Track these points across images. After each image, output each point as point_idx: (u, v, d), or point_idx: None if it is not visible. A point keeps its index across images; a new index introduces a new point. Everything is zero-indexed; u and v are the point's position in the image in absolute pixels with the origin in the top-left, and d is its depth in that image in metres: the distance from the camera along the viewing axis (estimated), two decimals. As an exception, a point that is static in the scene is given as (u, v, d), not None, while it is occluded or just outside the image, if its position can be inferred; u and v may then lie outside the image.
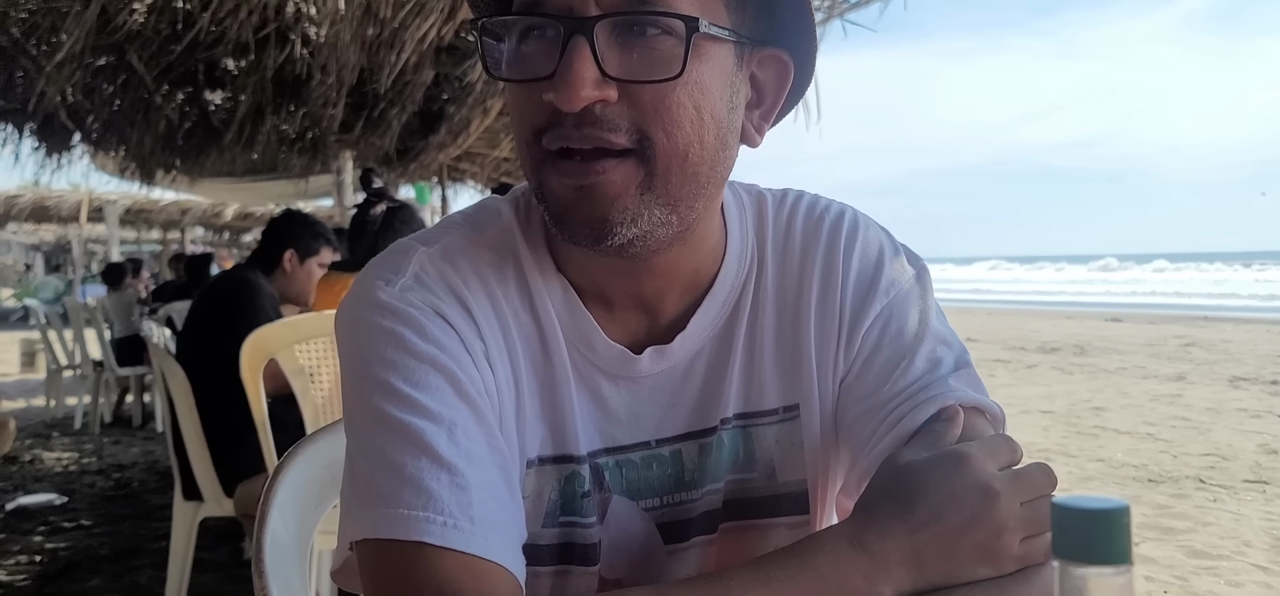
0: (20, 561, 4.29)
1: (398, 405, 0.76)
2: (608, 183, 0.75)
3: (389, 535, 0.72)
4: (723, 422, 0.89)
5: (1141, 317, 19.35)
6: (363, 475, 0.77)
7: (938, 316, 0.91)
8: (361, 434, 0.79)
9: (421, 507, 0.72)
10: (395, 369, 0.78)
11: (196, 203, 18.85)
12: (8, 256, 33.68)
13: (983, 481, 0.74)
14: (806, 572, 0.71)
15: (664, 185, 0.77)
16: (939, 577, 0.72)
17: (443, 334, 0.80)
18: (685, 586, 0.70)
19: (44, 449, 7.09)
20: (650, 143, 0.76)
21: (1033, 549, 0.74)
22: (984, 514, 0.73)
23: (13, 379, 11.10)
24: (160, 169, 8.20)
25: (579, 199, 0.76)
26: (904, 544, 0.72)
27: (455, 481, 0.73)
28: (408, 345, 0.79)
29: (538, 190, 0.80)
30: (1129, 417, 7.68)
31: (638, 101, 0.75)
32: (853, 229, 0.93)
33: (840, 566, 0.71)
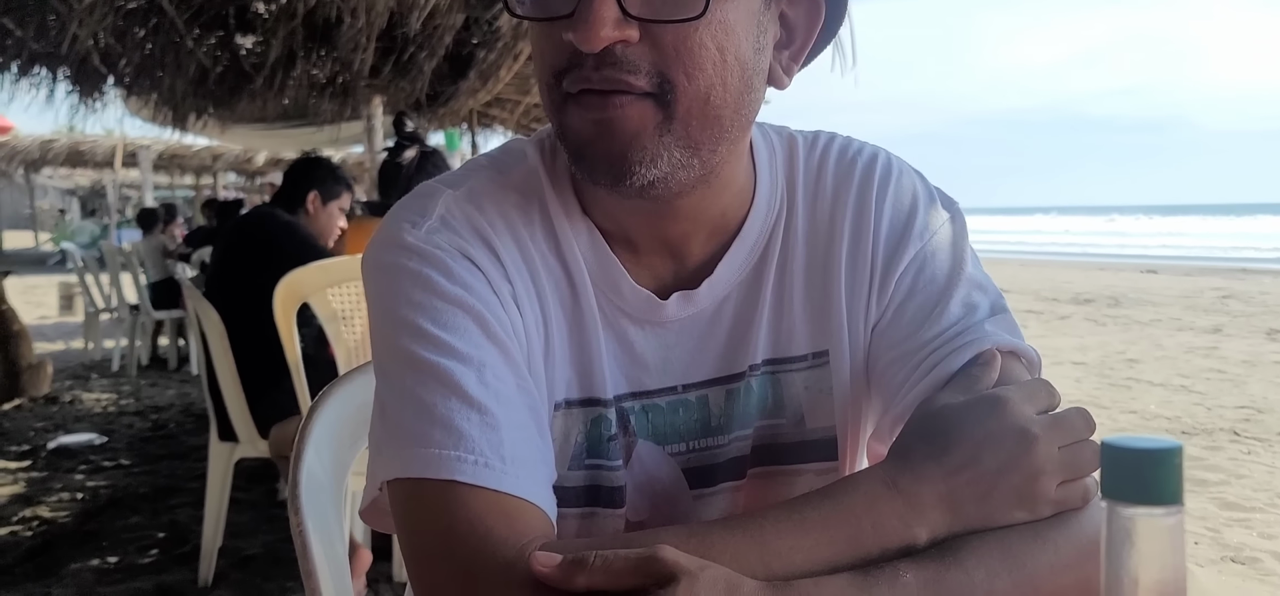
0: (63, 498, 4.39)
1: (427, 346, 0.76)
2: (625, 118, 0.74)
3: (421, 474, 0.72)
4: (751, 368, 0.88)
5: (1178, 269, 19.09)
6: (393, 415, 0.77)
7: (973, 261, 0.90)
8: (391, 375, 0.79)
9: (452, 446, 0.72)
10: (423, 310, 0.78)
11: (228, 149, 18.95)
12: (44, 201, 34.12)
13: (1020, 425, 0.73)
14: (841, 513, 0.70)
15: (684, 128, 0.76)
16: (975, 521, 0.71)
17: (470, 276, 0.80)
18: (718, 526, 0.70)
19: (83, 390, 7.23)
20: (671, 85, 0.74)
21: (1070, 493, 0.73)
22: (1021, 457, 0.72)
23: (52, 321, 11.29)
24: (192, 114, 8.20)
25: (597, 134, 0.75)
26: (940, 486, 0.71)
27: (485, 421, 0.73)
28: (435, 287, 0.79)
29: (559, 131, 0.79)
30: (1163, 369, 7.61)
31: (659, 42, 0.73)
32: (886, 172, 0.91)
33: (875, 507, 0.71)
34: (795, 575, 0.67)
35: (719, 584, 0.61)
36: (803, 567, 0.67)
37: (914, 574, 0.67)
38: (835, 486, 0.73)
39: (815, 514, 0.70)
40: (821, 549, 0.68)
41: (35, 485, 4.64)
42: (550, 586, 0.63)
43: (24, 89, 7.29)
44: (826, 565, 0.68)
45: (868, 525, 0.70)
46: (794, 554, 0.68)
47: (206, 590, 3.25)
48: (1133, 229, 42.78)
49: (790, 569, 0.67)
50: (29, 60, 6.71)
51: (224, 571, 3.36)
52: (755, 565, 0.66)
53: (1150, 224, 47.60)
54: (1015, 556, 0.70)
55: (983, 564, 0.69)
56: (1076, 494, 0.73)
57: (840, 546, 0.69)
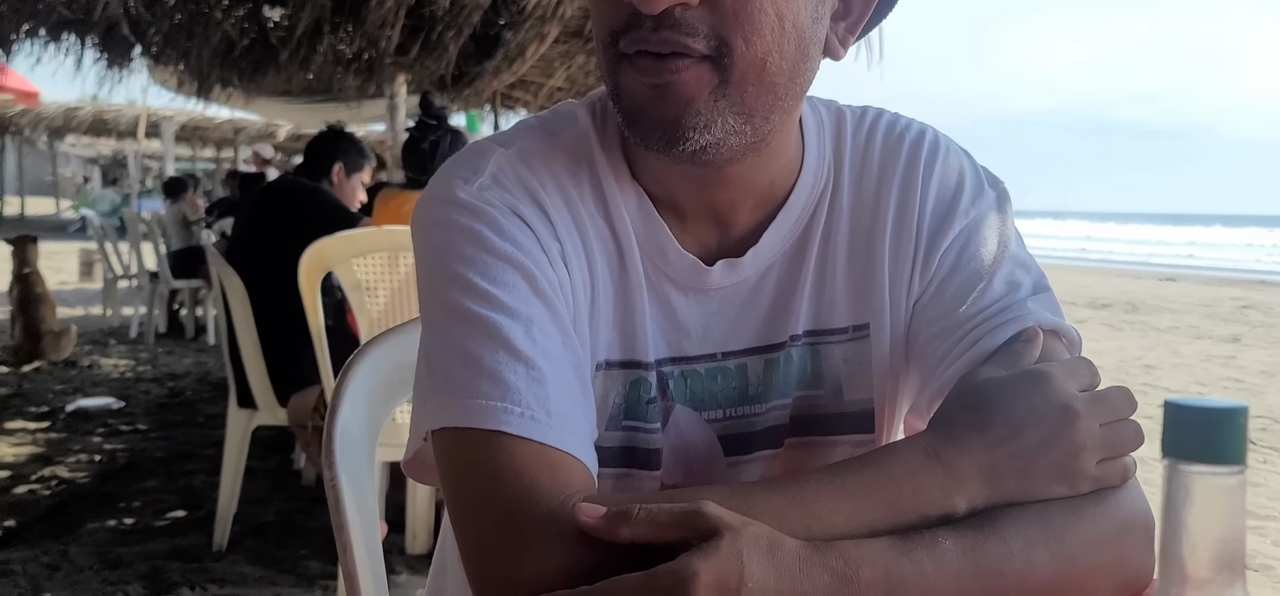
0: (81, 459, 4.43)
1: (476, 299, 0.77)
2: (681, 83, 0.74)
3: (467, 423, 0.73)
4: (792, 339, 0.89)
5: (1197, 278, 18.97)
6: (440, 366, 0.77)
7: (1017, 241, 0.90)
8: (438, 327, 0.79)
9: (499, 398, 0.72)
10: (473, 264, 0.78)
11: (250, 121, 19.03)
12: (67, 168, 34.35)
13: (1063, 400, 0.73)
14: (882, 480, 0.70)
15: (739, 94, 0.76)
16: (1014, 493, 0.71)
17: (520, 233, 0.80)
18: (760, 486, 0.70)
19: (102, 355, 7.29)
20: (728, 49, 0.74)
21: (1109, 471, 0.73)
22: (1063, 432, 0.72)
23: (72, 287, 11.38)
24: (217, 85, 8.25)
25: (653, 99, 0.75)
26: (980, 457, 0.72)
27: (532, 374, 0.74)
28: (486, 242, 0.79)
29: (613, 92, 0.79)
30: (1180, 377, 7.57)
31: (718, 5, 0.73)
32: (933, 149, 0.91)
33: (915, 476, 0.71)
34: (835, 537, 0.67)
35: (762, 540, 0.62)
36: (842, 530, 0.68)
37: (953, 541, 0.67)
38: (876, 453, 0.74)
39: (856, 479, 0.70)
40: (861, 514, 0.69)
41: (54, 446, 4.68)
42: (594, 536, 0.64)
43: (52, 55, 7.35)
44: (865, 529, 0.68)
45: (908, 492, 0.70)
46: (834, 516, 0.68)
47: (221, 554, 3.27)
48: (1152, 236, 42.48)
49: (830, 531, 0.67)
50: (58, 26, 6.75)
51: (238, 537, 3.38)
52: (795, 526, 0.66)
53: (1170, 232, 47.28)
54: (1053, 529, 0.70)
55: (1021, 534, 0.69)
56: (1116, 471, 0.74)
57: (880, 512, 0.69)
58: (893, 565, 0.65)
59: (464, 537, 0.72)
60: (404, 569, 3.11)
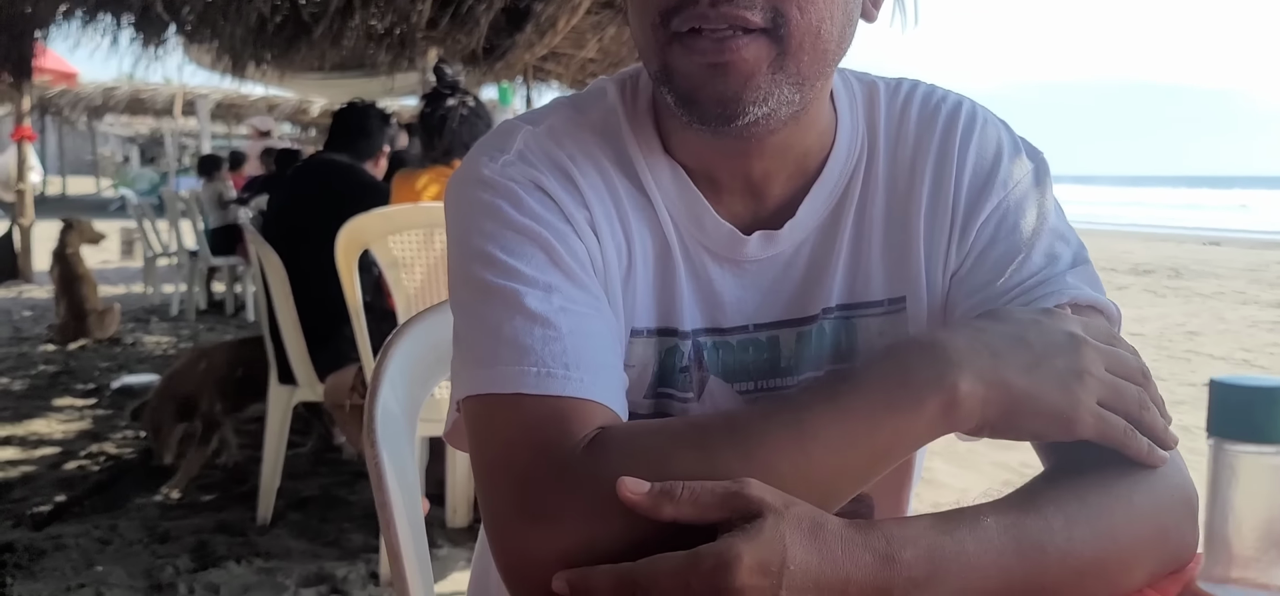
0: (126, 436, 4.52)
1: (494, 271, 0.78)
2: (741, 61, 0.74)
3: (487, 390, 0.74)
4: (824, 312, 0.88)
5: (1243, 242, 18.61)
6: (465, 340, 0.79)
7: (1056, 213, 0.89)
8: (463, 302, 0.81)
9: (516, 362, 0.74)
10: (492, 239, 0.80)
11: (284, 99, 19.17)
12: (105, 148, 34.81)
13: (1073, 330, 0.74)
14: (880, 387, 0.70)
15: (795, 64, 0.76)
16: (1016, 394, 0.70)
17: (541, 207, 0.81)
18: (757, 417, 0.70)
19: (144, 333, 7.41)
20: (784, 19, 0.74)
21: (1110, 421, 0.72)
22: (1067, 349, 0.73)
23: (114, 266, 11.56)
24: (251, 62, 8.31)
25: (711, 78, 0.75)
26: (981, 345, 0.71)
27: (548, 334, 0.75)
28: (505, 217, 0.81)
29: (662, 72, 0.78)
30: (1225, 343, 7.45)
31: None
32: (970, 121, 0.90)
33: (906, 359, 0.71)
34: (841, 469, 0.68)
35: (804, 521, 0.62)
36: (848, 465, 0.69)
37: (994, 519, 0.67)
38: (873, 360, 0.73)
39: (855, 398, 0.70)
40: (862, 438, 0.69)
41: (101, 423, 4.77)
42: (627, 506, 0.64)
43: (89, 35, 7.44)
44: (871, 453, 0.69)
45: (896, 379, 0.70)
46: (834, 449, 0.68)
47: (265, 528, 3.33)
48: (1196, 200, 41.72)
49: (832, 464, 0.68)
50: (94, 6, 6.83)
51: (282, 511, 3.44)
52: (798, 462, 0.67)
53: (1214, 195, 46.44)
54: (1093, 507, 0.70)
55: (1062, 511, 0.69)
56: (1116, 426, 0.72)
57: (883, 434, 0.69)
58: (934, 544, 0.64)
59: (485, 500, 0.73)
60: (445, 543, 3.15)
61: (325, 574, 2.96)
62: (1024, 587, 0.66)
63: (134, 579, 2.94)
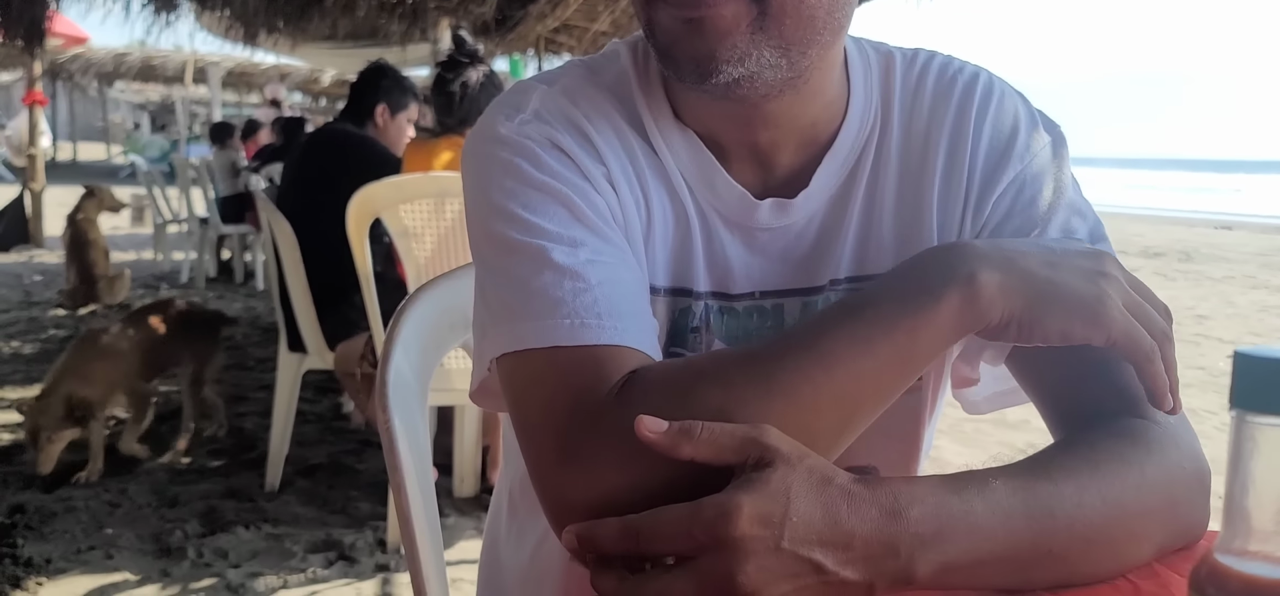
0: (136, 401, 4.54)
1: (518, 228, 0.78)
2: (717, 17, 0.74)
3: (522, 346, 0.74)
4: (832, 283, 0.88)
5: (1254, 227, 18.52)
6: (493, 296, 0.79)
7: (1074, 187, 0.88)
8: (487, 259, 0.81)
9: (548, 315, 0.74)
10: (514, 196, 0.80)
11: (295, 68, 19.15)
12: (116, 114, 34.82)
13: (1095, 248, 0.76)
14: (891, 280, 0.73)
15: (778, 27, 0.75)
16: (1040, 284, 0.71)
17: (559, 164, 0.81)
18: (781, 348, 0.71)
19: (154, 299, 7.43)
20: None
21: (1137, 330, 0.72)
22: (1090, 255, 0.74)
23: (124, 232, 11.59)
24: (263, 30, 8.31)
25: (687, 32, 0.75)
26: (1000, 246, 0.73)
27: (577, 285, 0.75)
28: (524, 175, 0.80)
29: (646, 27, 0.79)
30: (1234, 327, 7.42)
31: None
32: (987, 92, 0.89)
33: (922, 261, 0.73)
34: (862, 382, 0.69)
35: (814, 474, 0.62)
36: (868, 376, 0.69)
37: (1004, 482, 0.67)
38: (889, 280, 0.74)
39: (870, 308, 0.71)
40: (880, 344, 0.69)
41: (111, 387, 4.79)
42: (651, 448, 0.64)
43: (101, 1, 7.43)
44: (892, 360, 0.70)
45: (925, 296, 0.70)
46: (853, 360, 0.69)
47: (273, 495, 3.35)
48: (1207, 184, 41.49)
49: (852, 377, 0.69)
50: (107, -28, 6.82)
51: (290, 478, 3.46)
52: (818, 380, 0.68)
53: (1226, 179, 46.17)
54: (1104, 474, 0.70)
55: (1072, 478, 0.69)
56: (1143, 340, 0.72)
57: (900, 336, 0.70)
58: (942, 503, 0.64)
59: (529, 456, 0.73)
60: (452, 512, 3.17)
61: (333, 540, 2.98)
62: (1032, 552, 0.66)
63: (143, 542, 2.96)
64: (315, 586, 2.73)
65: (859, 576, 0.61)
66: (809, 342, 0.70)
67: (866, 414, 0.71)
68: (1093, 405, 0.77)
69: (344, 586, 2.73)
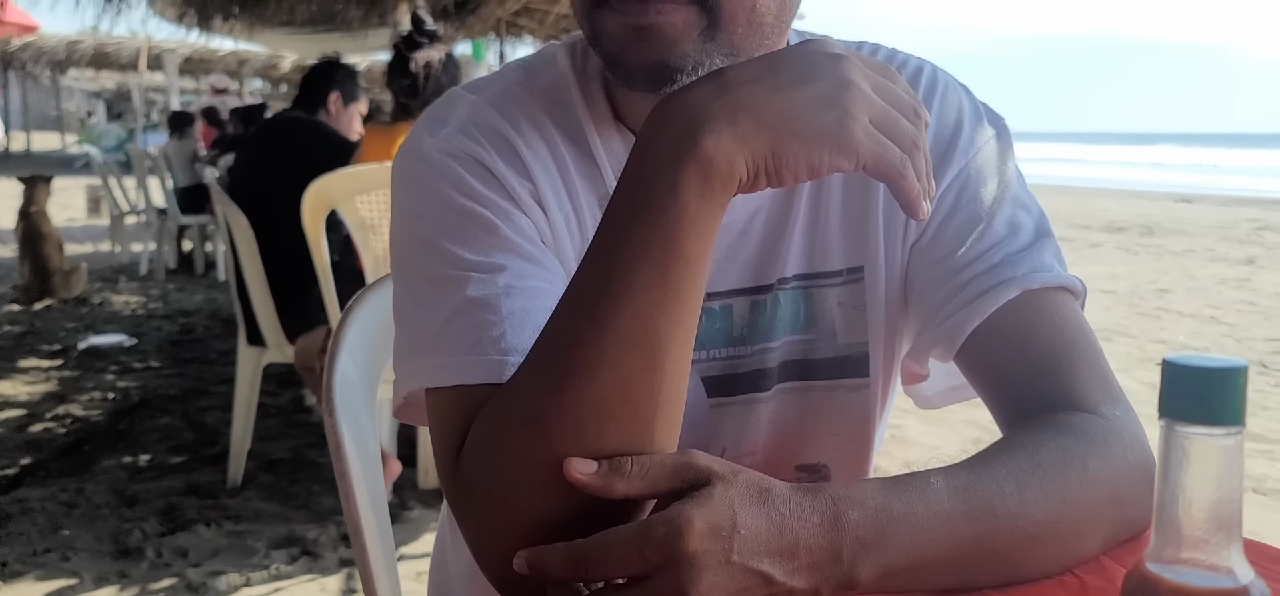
0: (95, 397, 4.47)
1: (436, 258, 0.77)
2: (668, 24, 0.72)
3: (431, 384, 0.75)
4: (780, 282, 0.87)
5: (1215, 199, 18.79)
6: (409, 326, 0.79)
7: (1018, 180, 0.88)
8: (404, 287, 0.81)
9: (457, 352, 0.73)
10: (433, 222, 0.79)
11: (255, 53, 18.87)
12: (70, 103, 34.21)
13: (835, 50, 0.67)
14: (621, 186, 0.66)
15: (728, 35, 0.74)
16: (774, 123, 0.64)
17: (482, 184, 0.80)
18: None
19: (112, 292, 7.32)
20: None
21: (886, 146, 0.65)
22: (830, 66, 0.66)
23: (80, 224, 11.40)
24: (218, 16, 8.18)
25: (637, 39, 0.73)
26: (725, 89, 0.65)
27: (489, 318, 0.74)
28: (445, 199, 0.79)
29: (591, 35, 0.77)
30: (1193, 300, 7.53)
31: None
32: (931, 86, 0.89)
33: (644, 145, 0.66)
34: (649, 307, 0.64)
35: (753, 486, 0.62)
36: (667, 318, 0.64)
37: (944, 481, 0.66)
38: (620, 187, 0.67)
39: (612, 227, 0.66)
40: (643, 261, 0.64)
41: (67, 384, 4.72)
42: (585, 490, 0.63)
43: (51, -12, 7.27)
44: (665, 266, 0.63)
45: (659, 187, 0.64)
46: (631, 288, 0.64)
47: (236, 490, 3.31)
48: (1170, 158, 41.99)
49: (656, 329, 0.64)
50: (56, -41, 6.67)
51: (252, 473, 3.42)
52: (617, 348, 0.64)
53: (1189, 153, 46.78)
54: (1046, 470, 0.69)
55: (1014, 475, 0.68)
56: (893, 154, 0.66)
57: (657, 238, 0.64)
58: (882, 505, 0.64)
59: (451, 501, 0.72)
60: (417, 504, 3.15)
61: (295, 536, 2.95)
62: (975, 551, 0.66)
63: (101, 543, 2.91)
64: (278, 583, 2.70)
65: (806, 584, 0.61)
66: (573, 306, 0.66)
67: (680, 346, 0.66)
68: (1039, 401, 0.77)
69: (308, 582, 2.70)
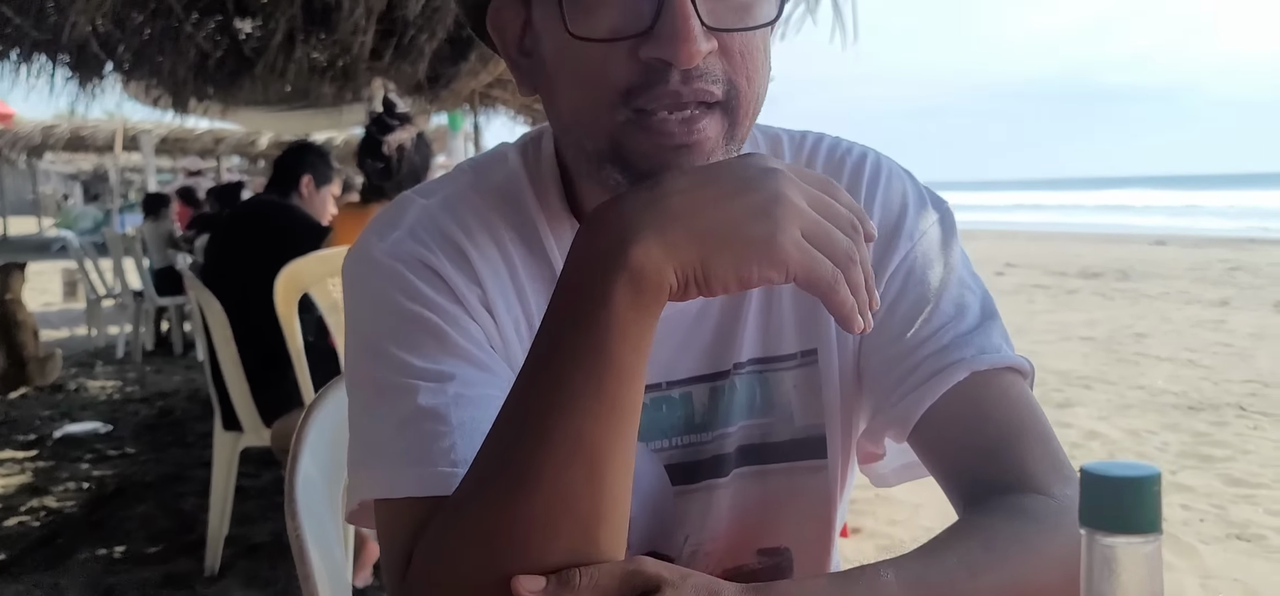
0: (69, 487, 4.41)
1: (386, 367, 0.78)
2: (706, 138, 0.74)
3: (381, 494, 0.75)
4: (736, 367, 0.88)
5: (1188, 240, 19.02)
6: (361, 435, 0.80)
7: (963, 262, 0.89)
8: (356, 394, 0.81)
9: (405, 464, 0.74)
10: (384, 330, 0.80)
11: (231, 131, 18.91)
12: (47, 186, 34.13)
13: (770, 165, 0.68)
14: (557, 292, 0.68)
15: (740, 131, 0.77)
16: (705, 234, 0.64)
17: (431, 289, 0.80)
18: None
19: (88, 377, 7.25)
20: (736, 91, 0.75)
21: (817, 258, 0.65)
22: (762, 179, 0.66)
23: (56, 308, 11.31)
24: (193, 98, 8.20)
25: (676, 157, 0.74)
26: (657, 199, 0.65)
27: (438, 428, 0.74)
28: (395, 305, 0.80)
29: (611, 150, 0.76)
30: (1171, 344, 7.59)
31: (728, 50, 0.74)
32: (876, 173, 0.91)
33: (577, 254, 0.67)
34: (598, 436, 0.64)
35: (701, 589, 0.62)
36: (603, 427, 0.65)
37: (895, 573, 0.67)
38: (555, 299, 0.68)
39: (543, 337, 0.67)
40: (598, 394, 0.65)
41: (42, 475, 4.66)
42: None
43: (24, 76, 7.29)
44: (595, 372, 0.64)
45: (591, 296, 0.65)
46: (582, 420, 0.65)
47: (214, 578, 3.26)
48: (1143, 201, 42.56)
49: (594, 438, 0.65)
50: (29, 48, 6.70)
51: (231, 560, 3.37)
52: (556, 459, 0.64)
53: (1162, 196, 47.44)
54: (999, 553, 0.69)
55: (966, 563, 0.68)
56: (824, 267, 0.65)
57: (589, 346, 0.65)
58: None
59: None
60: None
61: (274, 624, 2.90)
62: None
63: (76, 638, 2.86)
64: (256, 673, 2.66)
65: None
66: (510, 420, 0.67)
67: (620, 454, 0.66)
68: (990, 483, 0.77)
69: (286, 671, 2.66)
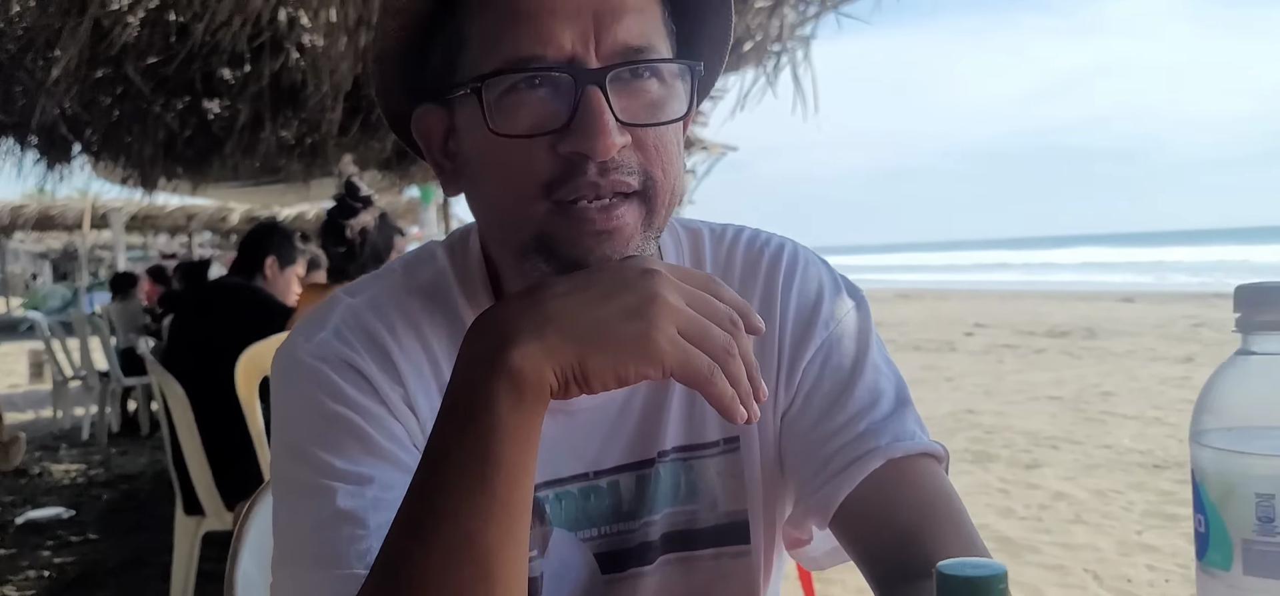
0: (29, 577, 4.33)
1: (308, 468, 0.80)
2: (625, 225, 0.78)
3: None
4: (661, 455, 0.90)
5: (1153, 297, 19.25)
6: (282, 535, 0.81)
7: (878, 349, 0.92)
8: (279, 494, 0.83)
9: (323, 566, 0.76)
10: (307, 431, 0.82)
11: (202, 207, 18.90)
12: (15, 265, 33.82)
13: (647, 265, 0.71)
14: (446, 397, 0.70)
15: (657, 220, 0.80)
16: (582, 336, 0.67)
17: (355, 389, 0.82)
18: None
19: (52, 461, 7.14)
20: (652, 182, 0.79)
21: (692, 354, 0.68)
22: (639, 281, 0.69)
23: (22, 390, 11.16)
24: (162, 177, 8.22)
25: (598, 244, 0.77)
26: (535, 304, 0.69)
27: (356, 531, 0.76)
28: (318, 406, 0.82)
29: (537, 241, 0.78)
30: (1137, 402, 7.66)
31: (643, 143, 0.78)
32: (792, 263, 0.94)
33: (460, 364, 0.70)
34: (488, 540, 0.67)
35: None
36: (492, 530, 0.67)
37: None
38: (443, 405, 0.71)
39: (451, 471, 0.69)
40: (485, 498, 0.67)
41: (3, 563, 4.57)
42: None
43: (-8, 159, 7.29)
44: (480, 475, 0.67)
45: (474, 401, 0.68)
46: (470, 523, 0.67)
47: (174, 668, 3.20)
48: (1110, 258, 43.19)
49: (484, 541, 0.67)
50: (-4, 131, 6.71)
51: (193, 647, 3.32)
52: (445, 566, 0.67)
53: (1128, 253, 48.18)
54: None
55: None
56: (700, 362, 0.68)
57: (471, 449, 0.67)
58: None
59: None
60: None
61: (234, 712, 2.85)
62: None
63: None
64: None
65: None
66: (403, 523, 0.69)
67: (511, 553, 0.68)
68: (905, 569, 0.79)
69: None
